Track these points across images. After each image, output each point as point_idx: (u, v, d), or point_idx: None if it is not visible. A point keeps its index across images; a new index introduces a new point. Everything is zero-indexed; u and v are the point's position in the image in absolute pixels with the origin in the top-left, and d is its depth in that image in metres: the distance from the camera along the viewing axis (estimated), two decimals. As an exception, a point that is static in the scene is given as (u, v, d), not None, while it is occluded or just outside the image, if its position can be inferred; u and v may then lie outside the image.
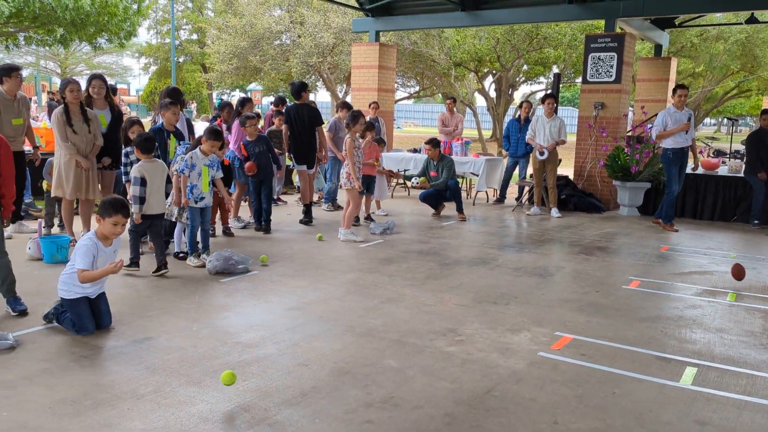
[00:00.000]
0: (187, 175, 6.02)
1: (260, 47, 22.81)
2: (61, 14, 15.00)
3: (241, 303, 4.98)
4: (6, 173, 4.40)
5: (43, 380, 3.40)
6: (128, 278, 5.51)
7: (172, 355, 3.83)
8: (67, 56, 39.89)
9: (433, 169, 9.48)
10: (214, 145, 6.22)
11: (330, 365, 3.78)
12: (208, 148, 6.18)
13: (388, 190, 8.71)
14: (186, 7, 40.89)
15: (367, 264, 6.38)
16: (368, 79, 12.52)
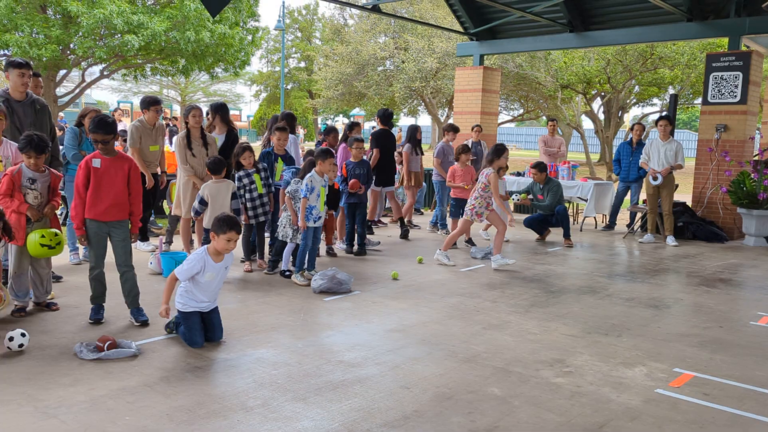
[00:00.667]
0: (307, 197, 6.21)
1: (365, 73, 23.42)
2: (184, 46, 16.12)
3: (344, 322, 5.03)
4: (135, 192, 4.74)
5: (161, 388, 3.59)
6: (238, 294, 5.74)
7: (279, 371, 3.92)
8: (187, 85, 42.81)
9: (539, 192, 9.25)
10: (331, 164, 6.41)
11: (432, 389, 3.72)
12: (325, 169, 6.36)
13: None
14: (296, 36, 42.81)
15: (469, 288, 6.28)
16: (471, 102, 12.47)
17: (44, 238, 4.71)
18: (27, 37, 14.85)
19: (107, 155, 4.61)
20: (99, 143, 4.57)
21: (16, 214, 4.69)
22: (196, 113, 6.92)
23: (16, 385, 3.50)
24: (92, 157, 4.59)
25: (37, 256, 4.82)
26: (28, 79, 5.58)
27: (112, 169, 4.60)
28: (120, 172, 4.63)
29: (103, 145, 4.57)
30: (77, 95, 19.91)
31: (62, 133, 12.07)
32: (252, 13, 18.78)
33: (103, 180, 4.57)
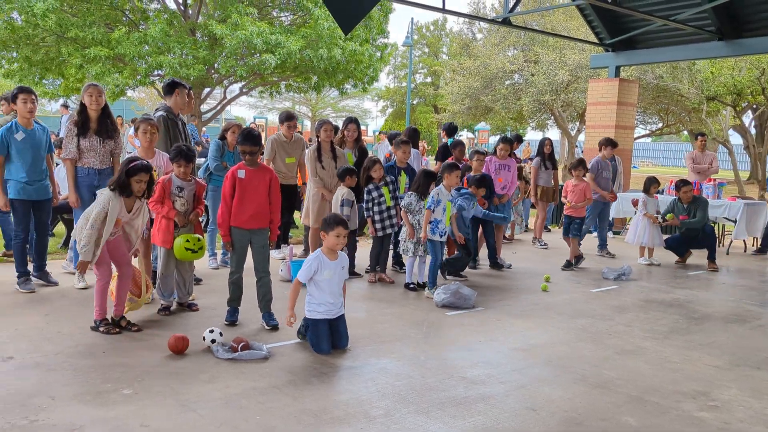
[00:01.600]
0: (432, 210, 6.21)
1: (492, 87, 23.13)
2: (317, 64, 16.82)
3: (467, 338, 4.94)
4: (275, 201, 4.97)
5: (289, 390, 3.70)
6: (363, 303, 5.82)
7: (402, 382, 3.91)
8: (318, 101, 44.65)
9: (683, 212, 8.55)
10: (457, 176, 6.36)
11: (560, 413, 3.54)
12: (452, 182, 6.32)
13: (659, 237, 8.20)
14: (423, 52, 43.32)
15: (599, 310, 5.95)
16: (605, 116, 11.90)
17: (189, 242, 5.06)
18: (178, 58, 16.17)
19: (251, 166, 4.88)
20: (246, 154, 4.84)
21: (165, 220, 5.08)
22: (327, 128, 7.16)
23: (161, 379, 3.76)
24: (237, 168, 4.87)
25: (181, 259, 5.18)
26: (190, 99, 6.13)
27: (255, 179, 4.86)
28: (262, 183, 4.89)
29: (250, 156, 4.84)
30: (219, 111, 21.39)
31: (200, 148, 13.01)
32: (381, 30, 19.22)
33: (247, 190, 4.83)
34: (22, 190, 5.52)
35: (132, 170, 4.53)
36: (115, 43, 15.54)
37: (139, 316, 4.98)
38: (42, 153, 5.64)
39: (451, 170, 6.31)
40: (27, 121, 5.54)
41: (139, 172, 4.54)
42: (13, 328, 4.55)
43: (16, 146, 5.46)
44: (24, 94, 5.47)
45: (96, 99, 5.55)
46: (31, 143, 5.52)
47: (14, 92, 5.57)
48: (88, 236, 4.43)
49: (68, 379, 3.69)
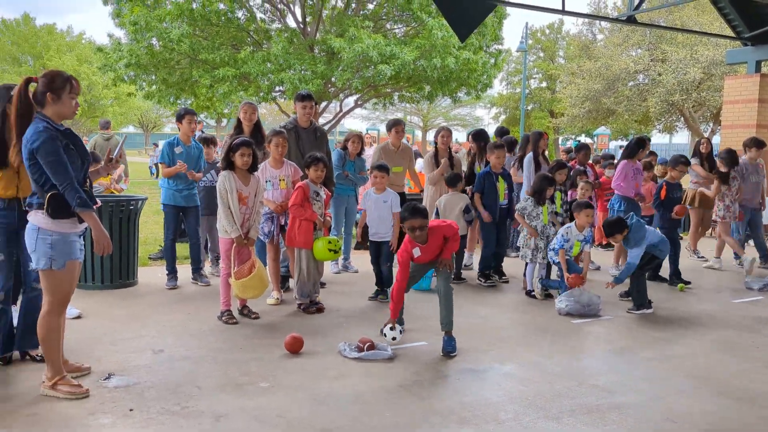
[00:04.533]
0: (565, 249, 5.94)
1: (615, 89, 22.17)
2: (430, 73, 16.95)
3: (595, 346, 4.75)
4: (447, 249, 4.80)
5: (416, 390, 3.74)
6: (480, 308, 5.76)
7: (529, 388, 3.83)
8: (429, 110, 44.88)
9: None
10: (588, 217, 5.92)
11: (703, 426, 3.32)
12: (583, 222, 5.94)
13: None
14: (537, 56, 42.36)
15: (743, 322, 5.51)
16: (744, 114, 11.04)
17: (330, 244, 5.37)
18: (297, 74, 16.92)
19: (423, 243, 4.59)
20: (416, 230, 4.44)
21: (305, 222, 5.35)
22: (444, 134, 7.25)
23: (293, 374, 3.93)
24: (413, 248, 4.77)
25: (322, 260, 5.47)
26: (310, 110, 6.34)
27: (429, 251, 4.63)
28: (436, 248, 4.72)
29: (420, 232, 4.47)
30: (335, 124, 22.09)
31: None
32: (496, 37, 19.04)
33: (422, 259, 4.71)
34: (172, 196, 6.15)
35: (234, 146, 5.04)
36: (241, 62, 16.52)
37: (270, 318, 5.25)
38: (194, 167, 6.23)
39: (581, 209, 5.93)
40: (187, 138, 6.26)
41: (241, 147, 5.03)
42: (161, 324, 4.94)
43: (175, 159, 6.15)
44: (189, 116, 6.23)
45: (249, 115, 6.25)
46: (185, 158, 6.17)
47: (181, 113, 6.27)
48: (224, 216, 5.01)
49: (211, 371, 3.95)
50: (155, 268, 7.08)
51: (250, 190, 5.14)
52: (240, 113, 6.31)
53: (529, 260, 6.29)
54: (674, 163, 7.24)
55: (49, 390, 3.48)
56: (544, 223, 6.27)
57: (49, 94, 3.38)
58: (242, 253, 5.11)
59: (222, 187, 5.05)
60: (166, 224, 6.22)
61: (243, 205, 5.08)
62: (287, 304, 5.64)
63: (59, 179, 3.32)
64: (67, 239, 3.42)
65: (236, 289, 4.98)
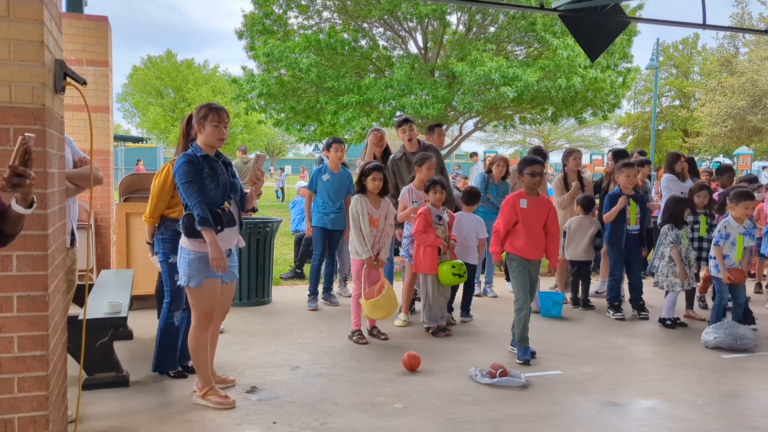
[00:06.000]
0: (721, 245, 5.57)
1: (762, 105, 20.48)
2: (555, 94, 16.55)
3: (752, 384, 4.35)
4: (554, 231, 4.99)
5: (553, 420, 3.61)
6: (617, 338, 5.46)
7: (678, 425, 3.57)
8: (550, 132, 43.69)
9: None
10: (746, 208, 5.56)
11: None
12: (740, 214, 5.57)
13: None
14: (669, 73, 40.14)
15: None
16: None
17: (454, 268, 5.33)
18: (419, 99, 17.15)
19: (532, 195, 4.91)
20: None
21: (430, 248, 5.38)
22: (576, 156, 7.06)
23: (426, 397, 3.93)
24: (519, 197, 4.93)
25: (447, 284, 5.46)
26: (411, 133, 6.19)
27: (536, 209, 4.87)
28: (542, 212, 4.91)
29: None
30: (454, 147, 22.08)
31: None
32: (624, 55, 18.28)
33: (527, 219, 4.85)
34: (320, 219, 6.36)
35: (367, 171, 5.22)
36: (364, 89, 17.03)
37: (398, 340, 5.29)
38: (342, 192, 6.41)
39: (739, 200, 5.53)
40: (335, 166, 6.44)
41: (373, 172, 5.19)
42: (297, 341, 5.13)
43: (322, 185, 6.37)
44: (337, 144, 6.43)
45: (378, 142, 6.36)
46: (333, 183, 6.38)
47: (330, 141, 6.54)
48: (356, 238, 5.16)
49: (346, 389, 4.04)
50: (287, 287, 7.40)
51: (380, 213, 5.26)
52: (369, 139, 6.38)
53: (673, 289, 5.89)
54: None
55: (200, 399, 3.71)
56: (685, 247, 5.88)
57: (196, 125, 3.66)
58: (372, 274, 5.22)
59: (354, 210, 5.20)
60: (315, 246, 6.42)
61: (374, 227, 5.21)
62: (414, 326, 5.66)
63: (189, 200, 3.54)
64: (204, 258, 3.58)
65: (366, 309, 5.08)
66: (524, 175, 4.90)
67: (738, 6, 30.43)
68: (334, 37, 17.26)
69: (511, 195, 5.00)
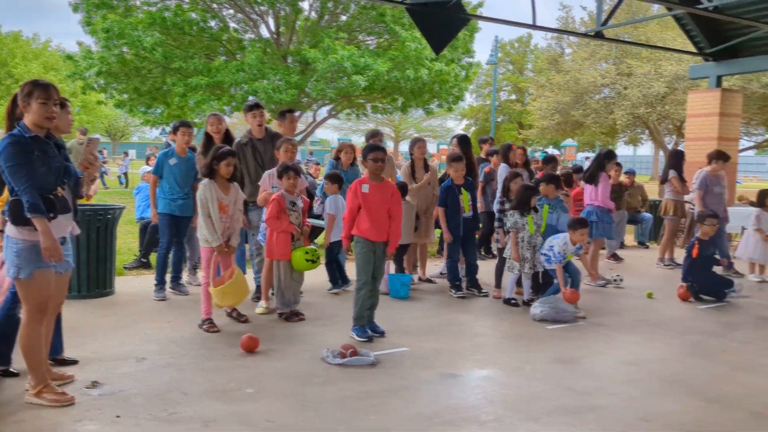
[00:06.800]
0: (561, 264, 6.18)
1: (583, 101, 22.69)
2: (404, 85, 17.14)
3: (571, 351, 4.89)
4: (395, 215, 5.16)
5: (401, 394, 3.83)
6: (459, 315, 5.87)
7: (508, 391, 3.95)
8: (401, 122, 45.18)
9: None
10: (584, 234, 6.29)
11: (676, 426, 3.47)
12: (577, 239, 6.21)
13: None
14: (507, 69, 43.08)
15: (709, 327, 5.73)
16: (706, 127, 11.45)
17: (308, 254, 5.40)
18: (271, 84, 16.93)
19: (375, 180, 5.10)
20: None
21: (283, 234, 5.40)
22: (420, 145, 7.35)
23: (278, 380, 3.98)
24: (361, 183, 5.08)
25: (300, 270, 5.51)
26: (261, 119, 6.18)
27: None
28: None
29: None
30: (308, 134, 22.11)
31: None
32: (467, 50, 19.34)
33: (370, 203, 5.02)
34: (167, 205, 6.13)
35: (220, 155, 5.08)
36: (214, 71, 16.48)
37: (251, 326, 5.28)
38: (190, 177, 6.20)
39: (577, 228, 6.22)
40: (182, 150, 6.21)
41: (227, 157, 5.09)
42: (142, 333, 4.94)
43: (169, 170, 6.13)
44: (184, 128, 6.21)
45: (217, 127, 6.13)
46: (180, 168, 6.16)
47: (176, 125, 6.30)
48: (205, 225, 5.06)
49: (197, 377, 3.97)
50: (131, 277, 7.05)
51: (230, 198, 5.19)
52: (207, 126, 6.14)
53: (516, 270, 6.39)
54: (702, 218, 7.07)
55: (34, 398, 3.47)
56: (531, 233, 6.35)
57: (21, 103, 3.38)
58: (224, 261, 5.15)
59: (203, 196, 5.08)
60: (161, 233, 6.18)
61: (223, 213, 5.13)
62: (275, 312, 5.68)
63: (17, 184, 3.29)
64: (35, 247, 3.36)
65: (215, 297, 5.00)
66: (368, 161, 5.09)
67: (564, 10, 33.42)
68: (181, 16, 16.48)
69: (355, 181, 5.17)
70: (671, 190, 8.95)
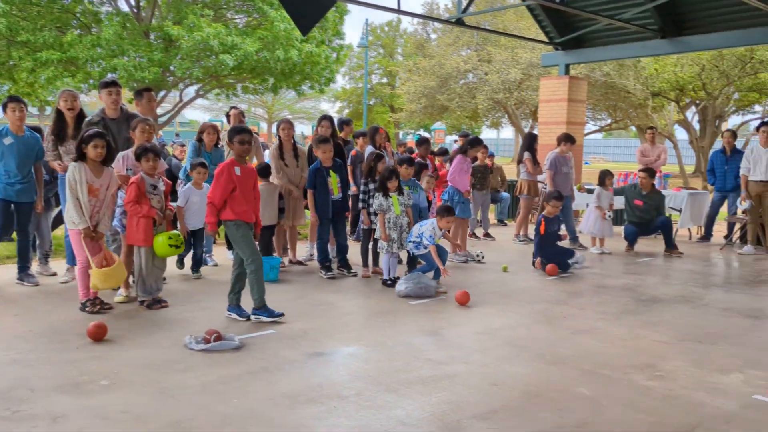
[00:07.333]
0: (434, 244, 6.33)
1: (448, 86, 23.54)
2: (274, 65, 16.87)
3: (431, 324, 5.17)
4: (258, 197, 5.21)
5: (264, 376, 3.86)
6: (330, 296, 5.98)
7: (371, 365, 4.11)
8: (274, 103, 44.48)
9: (639, 198, 8.97)
10: (450, 222, 6.50)
11: (520, 387, 3.79)
12: (444, 226, 6.40)
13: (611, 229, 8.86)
14: (378, 53, 43.63)
15: (555, 296, 6.27)
16: (556, 112, 12.35)
17: (171, 239, 5.25)
18: (132, 61, 16.00)
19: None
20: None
21: (144, 219, 5.19)
22: (285, 126, 7.31)
23: (137, 370, 3.87)
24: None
25: (163, 256, 5.35)
26: (117, 97, 5.91)
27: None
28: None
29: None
30: (174, 114, 21.19)
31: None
32: (337, 32, 19.37)
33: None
34: (3, 190, 5.71)
35: (87, 138, 4.97)
36: (67, 46, 15.28)
37: (110, 315, 5.05)
38: (29, 158, 5.80)
39: (444, 215, 6.38)
40: (17, 128, 5.78)
41: (94, 139, 4.96)
42: (-17, 329, 4.57)
43: (4, 149, 5.69)
44: (13, 104, 5.79)
45: (71, 104, 5.77)
46: (17, 148, 5.73)
47: (4, 102, 5.82)
48: (73, 207, 4.88)
49: (46, 372, 3.76)
50: (-29, 270, 6.47)
51: (102, 182, 5.02)
52: (60, 102, 5.80)
53: (386, 251, 6.57)
54: (548, 198, 7.63)
55: None
56: (397, 214, 6.51)
57: None
58: (93, 246, 4.95)
59: (72, 177, 4.90)
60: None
61: (93, 197, 4.97)
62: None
63: None
64: None
65: (98, 279, 4.83)
66: (234, 144, 5.03)
67: (429, -4, 34.20)
68: (26, -16, 15.08)
69: (225, 164, 5.09)
70: (525, 171, 9.62)
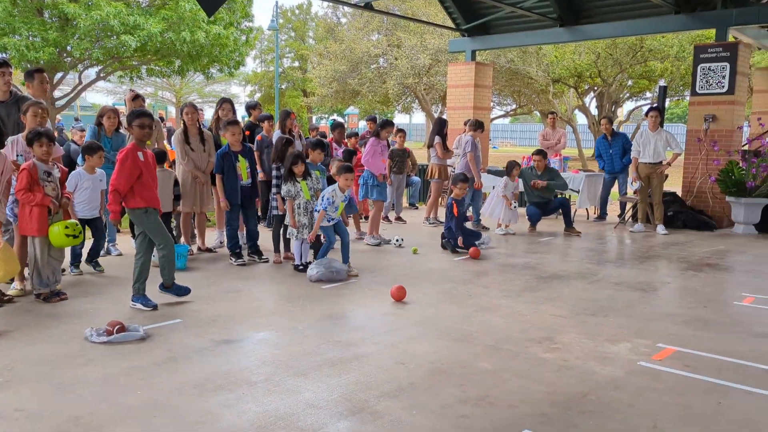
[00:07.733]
0: (326, 210, 6.28)
1: (359, 71, 23.55)
2: (180, 47, 16.25)
3: (342, 307, 5.23)
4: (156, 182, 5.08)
5: (169, 366, 3.79)
6: (241, 282, 5.92)
7: (281, 350, 4.12)
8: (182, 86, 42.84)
9: (536, 178, 9.42)
10: (349, 181, 6.40)
11: (426, 365, 3.92)
12: (344, 185, 6.36)
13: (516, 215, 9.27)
14: (289, 36, 42.92)
15: (462, 276, 6.49)
16: (464, 98, 12.67)
17: (68, 228, 5.00)
18: (24, 40, 14.98)
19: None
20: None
21: (38, 208, 4.91)
22: (189, 110, 7.09)
23: (33, 367, 3.69)
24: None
25: (60, 246, 5.09)
26: (8, 78, 5.55)
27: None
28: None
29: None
30: (74, 98, 20.03)
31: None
32: (246, 14, 18.91)
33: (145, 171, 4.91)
34: None
35: None
36: (-53, 22, 14.11)
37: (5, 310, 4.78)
38: None
39: (343, 172, 6.37)
40: None
41: None
42: None
43: None
44: None
45: None
46: None
47: None
48: None
49: (-72, 374, 3.53)
50: None
51: None
52: None
53: (296, 237, 6.52)
54: (455, 181, 7.91)
55: None
56: (307, 199, 6.47)
57: None
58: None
59: None
60: None
61: None
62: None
63: None
64: None
65: None
66: (133, 128, 4.86)
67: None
68: None
69: (127, 149, 4.88)
70: (436, 155, 9.83)
